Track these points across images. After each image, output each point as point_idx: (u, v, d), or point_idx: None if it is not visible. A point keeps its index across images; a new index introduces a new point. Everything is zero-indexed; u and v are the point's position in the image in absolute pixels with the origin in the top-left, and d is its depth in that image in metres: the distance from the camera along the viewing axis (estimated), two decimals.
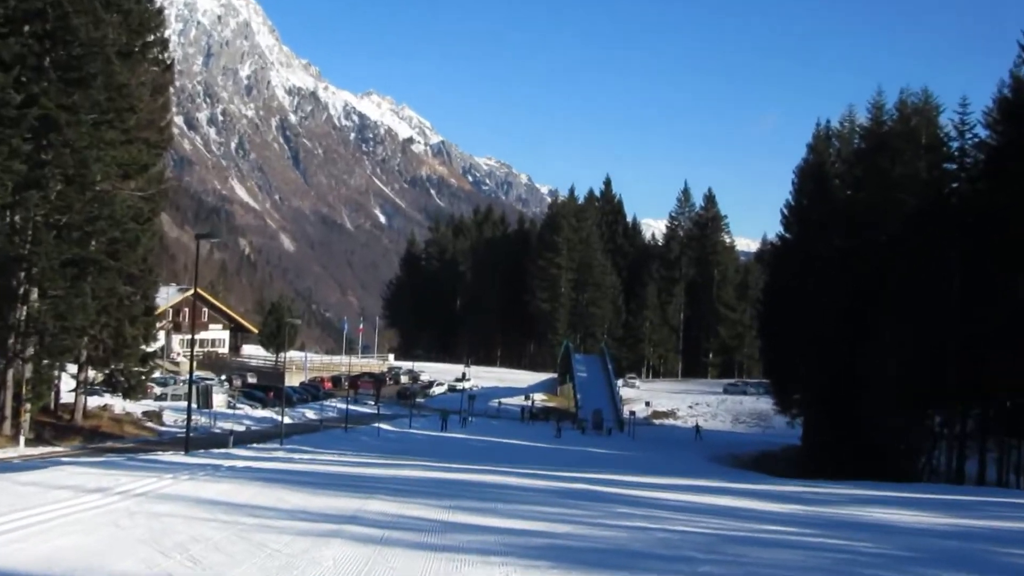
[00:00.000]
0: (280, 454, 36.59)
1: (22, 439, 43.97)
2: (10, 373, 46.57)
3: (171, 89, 67.90)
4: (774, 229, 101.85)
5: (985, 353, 53.61)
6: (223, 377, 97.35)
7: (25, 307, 46.29)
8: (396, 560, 12.19)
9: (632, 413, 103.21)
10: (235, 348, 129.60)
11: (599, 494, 23.88)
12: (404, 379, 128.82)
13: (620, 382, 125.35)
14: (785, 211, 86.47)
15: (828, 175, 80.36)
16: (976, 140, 64.01)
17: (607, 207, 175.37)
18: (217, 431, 60.64)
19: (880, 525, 18.97)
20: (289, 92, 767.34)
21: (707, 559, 13.36)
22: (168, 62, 65.51)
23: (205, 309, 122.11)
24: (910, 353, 57.45)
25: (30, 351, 46.56)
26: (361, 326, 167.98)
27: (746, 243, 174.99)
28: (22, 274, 46.06)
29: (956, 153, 66.31)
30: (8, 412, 45.78)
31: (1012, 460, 57.71)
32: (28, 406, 46.30)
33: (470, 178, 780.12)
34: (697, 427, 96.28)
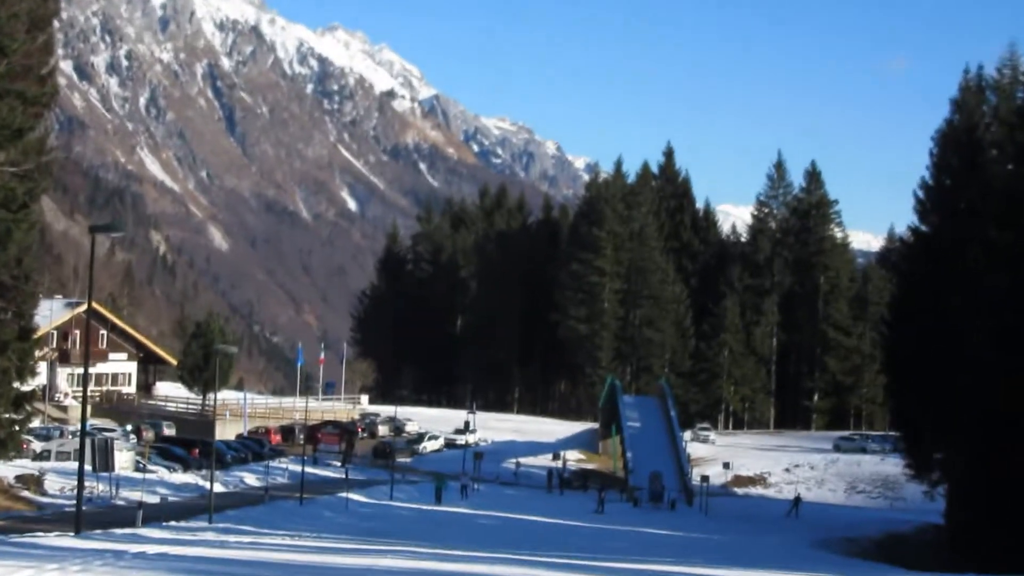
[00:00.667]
0: (209, 536, 36.69)
1: None
2: None
3: (55, 24, 68.16)
4: (905, 219, 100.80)
5: None
6: (129, 428, 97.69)
7: None
8: None
9: (705, 479, 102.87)
10: (146, 387, 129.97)
11: None
12: (383, 430, 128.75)
13: (688, 435, 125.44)
14: (921, 194, 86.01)
15: (982, 142, 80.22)
16: None
17: (668, 189, 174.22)
18: (121, 503, 60.77)
19: None
20: (221, 27, 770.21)
21: None
22: None
23: (103, 332, 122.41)
24: None
25: None
26: (323, 356, 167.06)
27: (865, 239, 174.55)
28: None
29: None
30: None
31: None
32: None
33: (475, 147, 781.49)
34: (797, 498, 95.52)
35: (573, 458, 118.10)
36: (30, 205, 57.34)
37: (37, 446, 72.91)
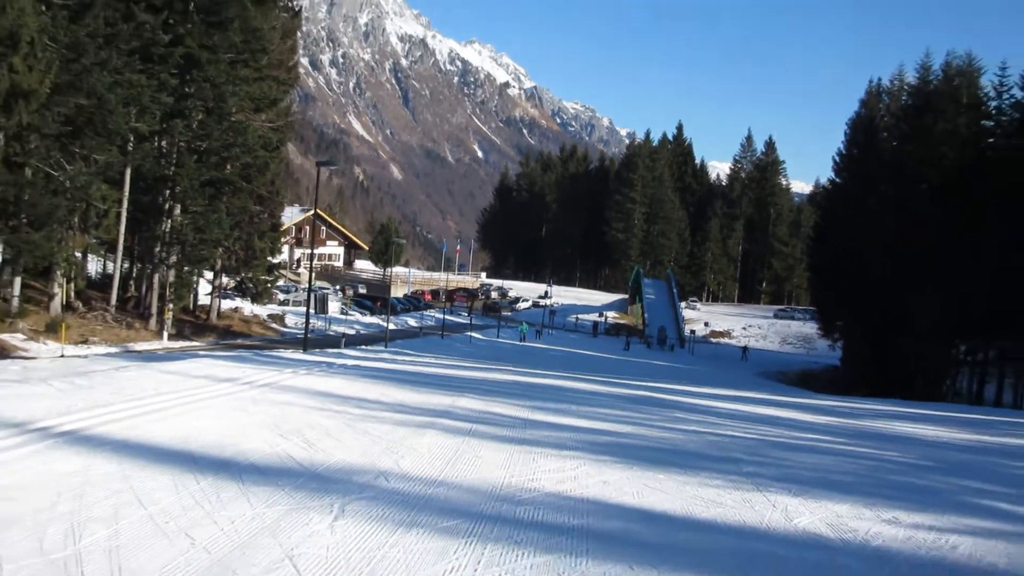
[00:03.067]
0: (385, 356, 36.86)
1: (165, 334, 44.73)
2: (156, 277, 47.41)
3: (298, 33, 68.15)
4: (826, 175, 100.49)
5: (1011, 293, 53.49)
6: (337, 287, 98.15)
7: (169, 220, 47.02)
8: (482, 448, 12.35)
9: (692, 332, 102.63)
10: (348, 263, 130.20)
11: (660, 400, 23.95)
12: (494, 295, 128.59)
13: (683, 304, 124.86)
14: (837, 159, 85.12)
15: (878, 128, 79.42)
16: (1012, 100, 63.37)
17: (678, 150, 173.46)
18: (331, 334, 61.13)
19: (905, 438, 18.92)
20: (401, 39, 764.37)
21: (751, 460, 13.42)
22: (296, 9, 65.69)
23: (323, 228, 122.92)
24: (945, 291, 57.29)
25: (173, 259, 47.33)
26: (458, 247, 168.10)
27: (800, 186, 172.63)
28: (167, 192, 46.76)
29: (994, 112, 65.58)
30: (154, 310, 46.64)
31: None
32: (171, 306, 47.07)
33: (558, 120, 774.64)
34: (744, 348, 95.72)
35: (611, 316, 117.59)
36: (280, 148, 57.64)
37: (280, 297, 73.28)
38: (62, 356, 28.24)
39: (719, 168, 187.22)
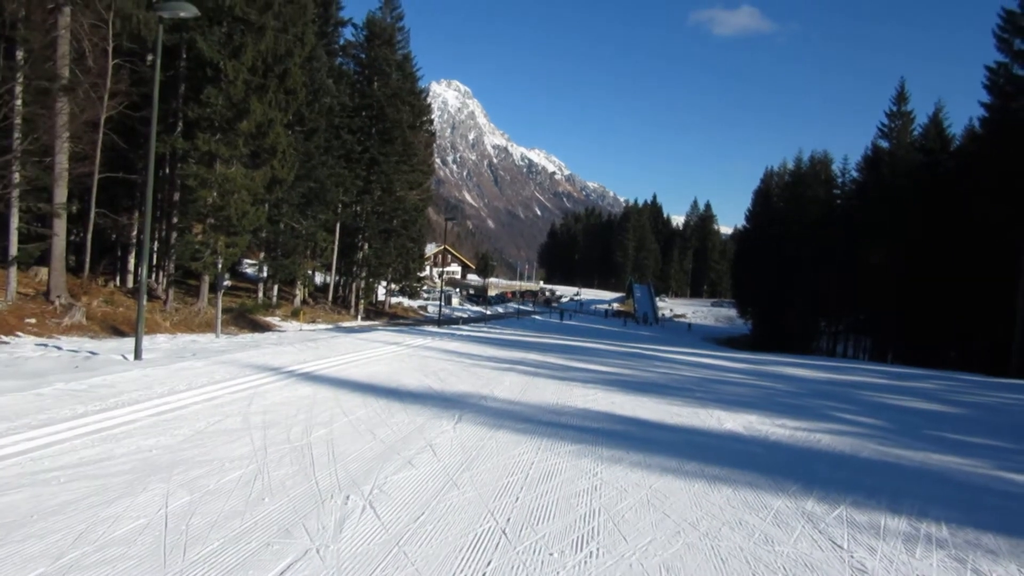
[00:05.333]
0: (484, 329, 36.98)
1: (359, 317, 45.17)
2: (354, 284, 47.91)
3: (434, 144, 68.61)
4: (741, 222, 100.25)
5: (850, 288, 52.90)
6: (458, 289, 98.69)
7: (361, 252, 47.45)
8: (541, 383, 12.38)
9: (663, 315, 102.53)
10: (463, 276, 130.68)
11: (643, 355, 23.79)
12: (547, 294, 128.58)
13: (657, 299, 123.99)
14: (747, 213, 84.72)
15: (771, 194, 78.65)
16: (851, 177, 62.63)
17: (654, 209, 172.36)
18: (454, 316, 61.51)
19: (788, 377, 18.64)
20: (493, 147, 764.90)
21: (698, 389, 13.32)
22: (432, 132, 66.01)
23: (449, 256, 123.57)
24: (811, 287, 56.94)
25: (363, 274, 47.79)
26: (526, 267, 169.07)
27: (727, 229, 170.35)
28: (360, 236, 47.20)
29: (840, 184, 64.79)
30: (353, 302, 47.12)
31: (862, 346, 56.83)
32: (362, 301, 47.53)
33: (584, 193, 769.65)
34: (689, 324, 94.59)
35: (615, 306, 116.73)
36: (423, 210, 57.65)
37: (424, 295, 73.69)
38: (300, 330, 28.60)
39: (676, 220, 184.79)
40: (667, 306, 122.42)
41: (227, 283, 22.13)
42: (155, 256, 30.82)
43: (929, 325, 43.82)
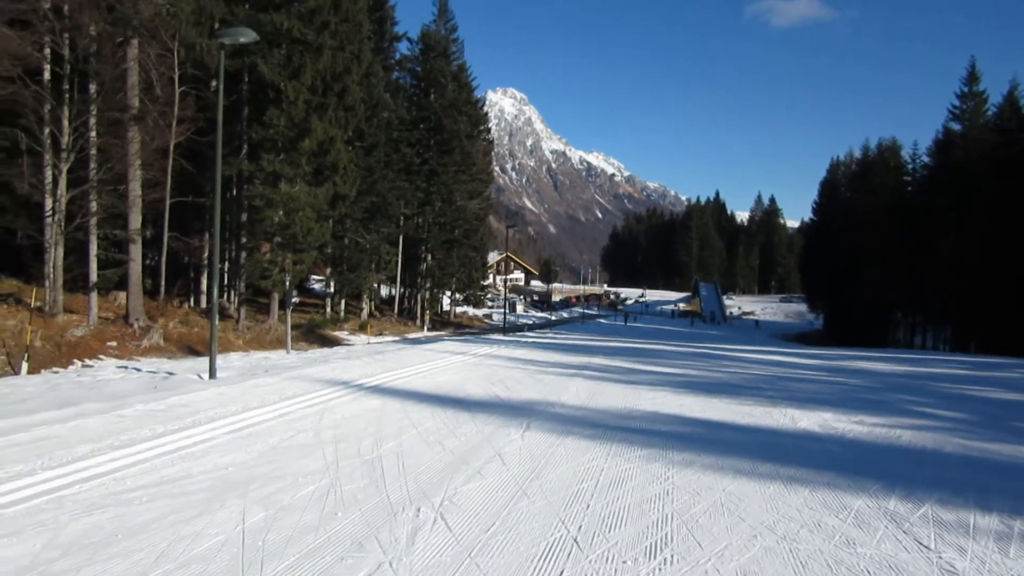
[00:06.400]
0: (549, 334, 36.90)
1: (425, 327, 45.55)
2: (419, 296, 48.37)
3: (492, 152, 68.98)
4: (808, 215, 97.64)
5: (925, 281, 51.19)
6: (521, 296, 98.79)
7: (425, 263, 47.90)
8: (607, 387, 12.27)
9: (731, 313, 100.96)
10: (527, 282, 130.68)
11: (710, 354, 23.42)
12: (612, 297, 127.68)
13: (724, 297, 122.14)
14: (814, 205, 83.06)
15: (838, 184, 77.05)
16: (922, 163, 60.70)
17: (717, 206, 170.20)
18: (519, 323, 61.54)
19: (864, 371, 18.11)
20: (551, 152, 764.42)
21: (769, 388, 13.05)
22: (490, 140, 66.45)
23: (512, 263, 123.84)
24: (884, 278, 55.32)
25: (428, 284, 48.23)
26: (589, 270, 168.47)
27: (792, 223, 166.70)
28: (423, 247, 47.67)
29: (910, 171, 62.87)
30: (418, 314, 47.57)
31: (942, 336, 54.83)
32: (427, 311, 47.97)
33: (644, 193, 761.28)
34: (756, 321, 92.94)
35: (681, 306, 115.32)
36: (485, 219, 58.01)
37: (489, 303, 73.87)
38: (368, 343, 28.98)
39: (741, 215, 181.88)
40: (735, 304, 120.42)
41: (295, 300, 22.58)
42: (226, 276, 31.67)
43: (1012, 311, 42.10)
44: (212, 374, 11.95)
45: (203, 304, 29.13)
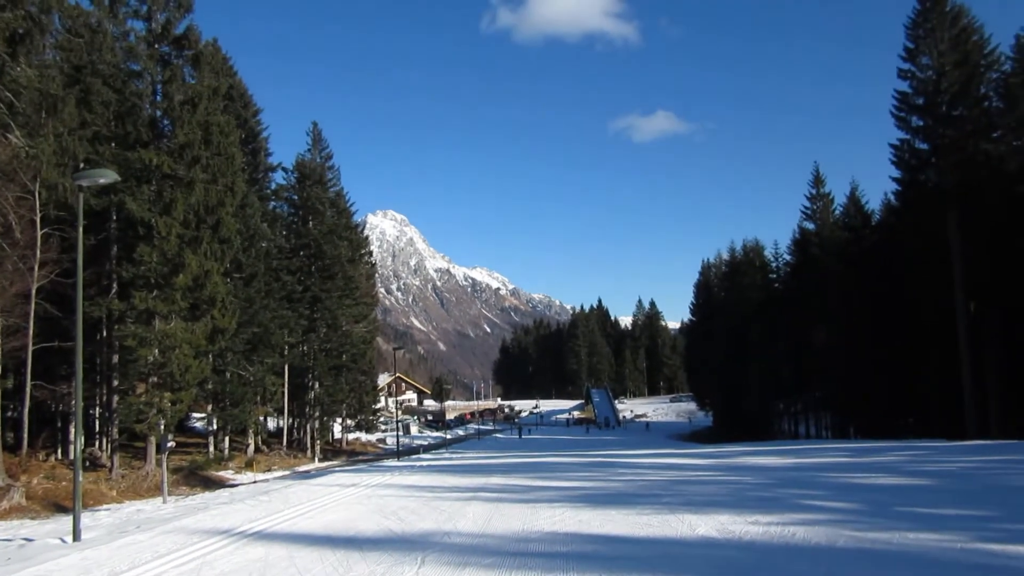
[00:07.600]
0: (445, 455, 36.17)
1: (316, 459, 43.85)
2: (308, 425, 46.74)
3: (376, 274, 68.98)
4: (687, 316, 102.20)
5: (802, 371, 53.53)
6: (415, 416, 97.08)
7: (312, 392, 46.55)
8: (506, 508, 11.97)
9: (624, 416, 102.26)
10: (420, 402, 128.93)
11: (607, 463, 23.42)
12: (505, 410, 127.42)
13: (616, 401, 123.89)
14: (691, 306, 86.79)
15: (711, 285, 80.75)
16: (784, 261, 64.61)
17: (601, 313, 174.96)
18: (414, 445, 60.18)
19: (755, 467, 18.47)
20: (436, 271, 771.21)
21: (666, 494, 13.04)
22: (373, 263, 66.68)
23: (403, 384, 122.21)
24: (764, 372, 57.50)
25: (317, 414, 46.73)
26: (482, 385, 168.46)
27: (674, 324, 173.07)
28: (310, 375, 46.41)
29: (774, 268, 66.72)
30: (309, 444, 45.82)
31: (823, 423, 56.98)
32: (318, 441, 46.29)
33: (531, 305, 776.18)
34: (647, 424, 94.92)
35: (576, 414, 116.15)
36: (372, 342, 57.39)
37: (382, 426, 72.17)
38: (254, 481, 27.57)
39: (624, 320, 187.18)
40: (627, 407, 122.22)
41: (171, 444, 21.29)
42: (97, 422, 29.70)
43: (884, 395, 44.34)
44: (76, 536, 10.92)
45: (72, 455, 27.10)
